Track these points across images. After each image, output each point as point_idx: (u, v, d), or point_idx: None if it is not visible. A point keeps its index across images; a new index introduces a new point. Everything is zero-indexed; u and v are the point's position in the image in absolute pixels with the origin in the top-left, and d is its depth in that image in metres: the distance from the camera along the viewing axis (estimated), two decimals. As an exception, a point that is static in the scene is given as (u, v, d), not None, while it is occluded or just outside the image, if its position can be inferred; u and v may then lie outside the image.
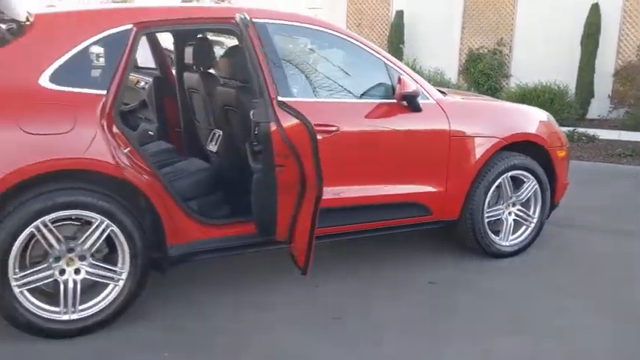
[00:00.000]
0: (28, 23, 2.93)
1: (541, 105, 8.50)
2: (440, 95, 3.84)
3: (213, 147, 4.06)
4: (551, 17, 12.02)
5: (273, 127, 2.69)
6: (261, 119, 2.70)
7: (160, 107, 4.77)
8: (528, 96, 10.47)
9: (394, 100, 3.63)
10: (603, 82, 11.54)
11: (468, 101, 4.25)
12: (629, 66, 11.99)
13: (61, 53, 2.89)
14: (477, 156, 3.83)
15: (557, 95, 10.86)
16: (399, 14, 13.29)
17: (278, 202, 2.87)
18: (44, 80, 2.84)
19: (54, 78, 2.85)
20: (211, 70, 4.17)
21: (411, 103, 3.63)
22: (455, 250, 4.18)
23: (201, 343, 2.92)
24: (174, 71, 4.63)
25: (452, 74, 11.99)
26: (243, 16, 2.88)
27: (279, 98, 2.72)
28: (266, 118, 2.71)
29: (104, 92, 2.93)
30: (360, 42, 3.66)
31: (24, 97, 2.79)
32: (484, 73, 12.41)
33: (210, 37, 5.10)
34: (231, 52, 3.69)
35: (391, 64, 3.71)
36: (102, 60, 3.04)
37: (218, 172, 3.62)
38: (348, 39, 3.61)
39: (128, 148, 2.97)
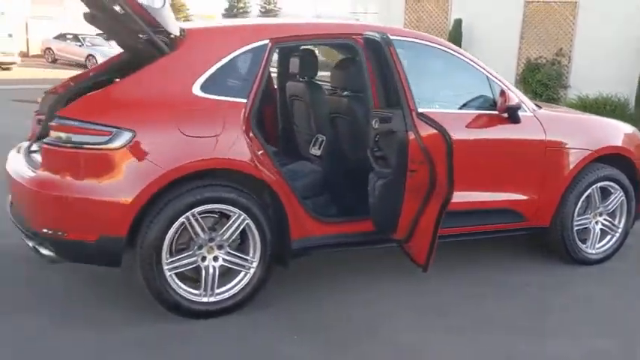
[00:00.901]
0: (181, 37, 3.28)
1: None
2: (536, 108, 4.08)
3: (316, 151, 4.37)
4: (612, 28, 12.05)
5: (412, 135, 2.99)
6: (399, 128, 3.00)
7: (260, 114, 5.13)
8: (589, 107, 10.55)
9: (496, 112, 3.88)
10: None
11: (561, 114, 4.48)
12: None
13: (210, 65, 3.24)
14: (570, 167, 4.05)
15: (618, 107, 10.91)
16: (457, 23, 13.48)
17: (403, 204, 3.16)
18: (197, 89, 3.19)
19: (204, 87, 3.20)
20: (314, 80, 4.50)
21: (512, 115, 3.88)
22: (542, 256, 4.40)
23: (326, 329, 3.22)
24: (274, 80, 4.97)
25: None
26: (385, 36, 3.19)
27: (417, 112, 3.03)
28: (404, 127, 3.01)
29: (245, 100, 3.27)
30: (468, 58, 3.95)
31: (182, 104, 3.14)
32: (542, 83, 12.51)
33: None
34: (343, 64, 4.00)
35: (493, 78, 3.97)
36: (242, 71, 3.36)
37: (328, 174, 3.92)
38: (457, 55, 3.89)
39: (261, 151, 3.30)
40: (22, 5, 28.23)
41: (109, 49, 23.93)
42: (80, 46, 24.19)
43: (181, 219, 3.11)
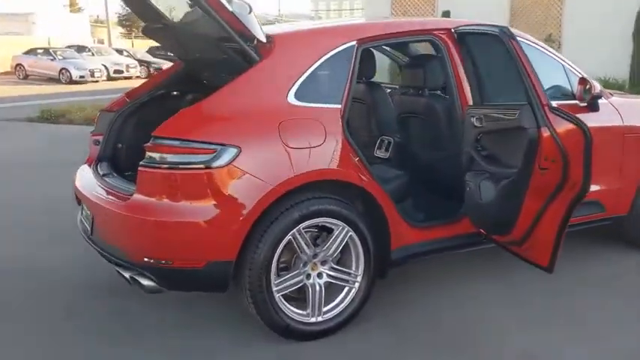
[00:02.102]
0: (268, 44, 3.10)
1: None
2: (610, 95, 4.02)
3: (382, 154, 4.23)
4: (600, 12, 12.18)
5: (546, 132, 2.86)
6: (528, 125, 2.87)
7: None
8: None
9: (575, 101, 3.79)
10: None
11: (633, 100, 4.42)
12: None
13: (301, 71, 3.06)
14: (647, 152, 4.00)
15: (615, 88, 11.01)
16: (445, 15, 13.47)
17: (523, 204, 3.04)
18: (292, 97, 3.01)
19: (299, 95, 3.02)
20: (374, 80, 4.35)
21: (592, 104, 3.79)
22: (616, 246, 4.34)
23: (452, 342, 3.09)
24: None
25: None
26: (505, 29, 3.06)
27: (550, 106, 2.89)
28: (534, 123, 2.88)
29: (339, 106, 3.11)
30: (544, 48, 3.86)
31: (281, 114, 2.96)
32: (537, 69, 12.56)
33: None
34: (418, 62, 3.86)
35: (569, 67, 3.89)
36: (333, 75, 3.19)
37: (410, 177, 3.78)
38: (535, 46, 3.78)
39: (357, 157, 3.14)
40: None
41: (82, 62, 23.44)
42: (52, 60, 23.51)
43: (288, 236, 2.93)
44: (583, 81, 3.72)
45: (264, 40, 3.06)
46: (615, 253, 4.21)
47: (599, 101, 3.87)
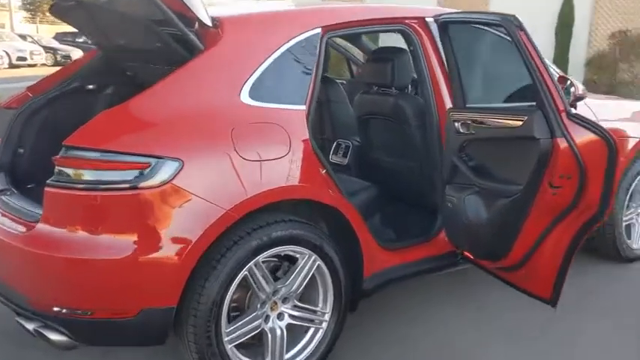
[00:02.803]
0: (214, 29, 2.46)
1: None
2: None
3: (339, 159, 3.70)
4: (523, 7, 12.19)
5: (562, 143, 2.37)
6: (541, 134, 2.37)
7: None
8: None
9: None
10: (576, 72, 11.88)
11: (607, 102, 4.09)
12: (600, 55, 12.40)
13: (257, 64, 2.46)
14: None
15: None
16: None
17: (524, 226, 2.57)
18: (245, 96, 2.40)
19: (254, 93, 2.42)
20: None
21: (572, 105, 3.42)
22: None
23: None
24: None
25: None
26: (512, 17, 2.54)
27: (568, 112, 2.39)
28: (549, 133, 2.39)
29: (304, 107, 2.53)
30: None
31: (233, 118, 2.34)
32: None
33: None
34: (384, 56, 3.32)
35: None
36: (295, 70, 2.60)
37: (378, 189, 3.26)
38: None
39: (324, 169, 2.57)
40: None
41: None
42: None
43: (244, 271, 2.33)
44: (562, 80, 3.31)
45: (209, 24, 2.43)
46: (591, 265, 3.88)
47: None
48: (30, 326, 2.23)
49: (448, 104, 3.02)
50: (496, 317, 3.15)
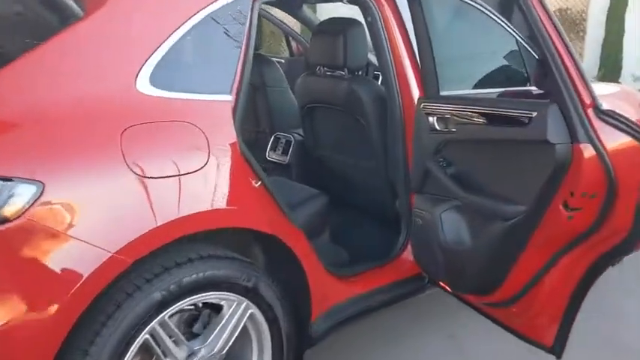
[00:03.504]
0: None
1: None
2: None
3: (279, 157, 3.02)
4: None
5: (588, 151, 1.74)
6: (558, 138, 1.74)
7: None
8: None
9: (529, 87, 2.86)
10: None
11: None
12: None
13: (160, 38, 1.73)
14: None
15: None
16: None
17: (523, 255, 1.96)
18: (143, 83, 1.67)
19: (157, 79, 1.69)
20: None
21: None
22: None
23: None
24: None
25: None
26: None
27: (597, 107, 1.73)
28: (568, 136, 1.75)
29: (229, 97, 1.83)
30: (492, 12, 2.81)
31: (124, 114, 1.62)
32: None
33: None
34: (334, 29, 2.63)
35: (522, 40, 2.92)
36: (216, 47, 1.89)
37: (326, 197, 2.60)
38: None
39: (259, 181, 1.90)
40: None
41: None
42: None
43: (144, 333, 1.64)
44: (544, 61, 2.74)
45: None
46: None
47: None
48: None
49: (415, 91, 2.39)
50: (471, 347, 2.59)
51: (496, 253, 1.98)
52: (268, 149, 3.06)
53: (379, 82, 3.31)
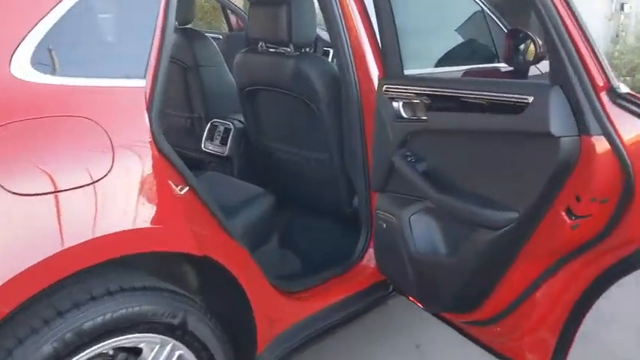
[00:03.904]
0: None
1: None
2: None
3: (217, 148, 2.62)
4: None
5: (602, 145, 1.37)
6: (561, 130, 1.38)
7: None
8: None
9: (497, 64, 2.57)
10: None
11: None
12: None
13: (48, 4, 1.30)
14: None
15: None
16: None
17: (511, 268, 1.63)
18: (22, 65, 1.24)
19: (41, 59, 1.26)
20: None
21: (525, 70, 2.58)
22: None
23: None
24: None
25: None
26: None
27: (614, 90, 1.35)
28: (575, 127, 1.38)
29: (142, 82, 1.41)
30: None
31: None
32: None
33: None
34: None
35: (489, 12, 2.61)
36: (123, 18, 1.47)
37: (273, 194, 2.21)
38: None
39: (186, 187, 1.50)
40: None
41: None
42: None
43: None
44: (514, 33, 2.42)
45: None
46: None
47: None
48: None
49: (374, 70, 2.03)
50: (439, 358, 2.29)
51: (479, 267, 1.64)
52: (204, 139, 2.65)
53: (330, 59, 2.95)
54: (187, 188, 1.48)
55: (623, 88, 1.38)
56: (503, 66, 2.63)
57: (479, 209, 1.57)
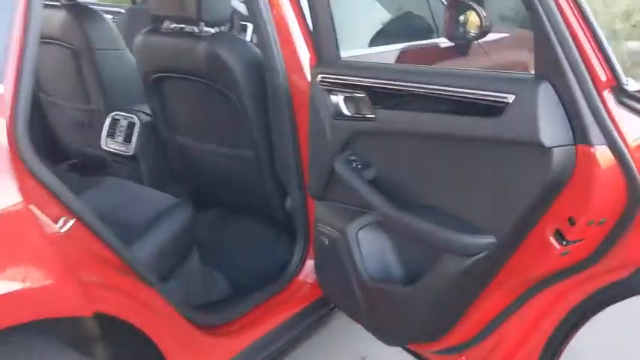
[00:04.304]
0: None
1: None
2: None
3: (119, 145, 2.22)
4: None
5: (604, 155, 1.07)
6: (553, 139, 1.05)
7: None
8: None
9: (436, 40, 2.35)
10: None
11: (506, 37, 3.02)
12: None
13: None
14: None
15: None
16: None
17: (482, 294, 1.36)
18: None
19: None
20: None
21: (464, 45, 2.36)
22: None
23: None
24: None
25: None
26: None
27: (620, 87, 1.05)
28: (571, 134, 1.08)
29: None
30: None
31: None
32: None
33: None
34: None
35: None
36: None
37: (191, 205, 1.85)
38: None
39: (70, 221, 1.13)
40: None
41: None
42: None
43: None
44: (455, 3, 2.16)
45: None
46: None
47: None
48: None
49: (303, 53, 1.70)
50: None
51: (446, 297, 1.36)
52: (104, 136, 2.24)
53: (248, 37, 2.58)
54: (72, 221, 1.12)
55: (633, 85, 1.10)
56: (443, 41, 2.38)
57: (446, 232, 1.27)
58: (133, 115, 2.19)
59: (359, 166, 1.43)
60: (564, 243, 1.15)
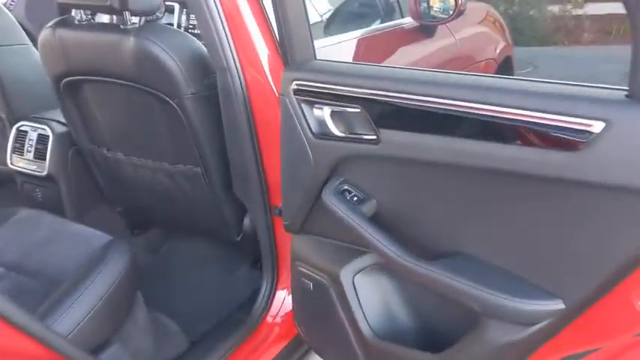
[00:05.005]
0: None
1: None
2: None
3: (29, 164, 1.81)
4: None
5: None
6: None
7: None
8: None
9: (401, 21, 2.09)
10: None
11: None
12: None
13: None
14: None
15: None
16: None
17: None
18: None
19: None
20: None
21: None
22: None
23: None
24: None
25: None
26: None
27: None
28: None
29: None
30: None
31: None
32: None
33: None
34: None
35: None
36: None
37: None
38: None
39: None
40: None
41: None
42: None
43: None
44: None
45: None
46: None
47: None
48: None
49: (260, 48, 1.36)
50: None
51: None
52: (9, 152, 1.82)
53: (176, 23, 2.17)
54: None
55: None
56: (408, 22, 2.10)
57: (493, 292, 0.98)
58: (44, 126, 1.78)
59: (354, 197, 1.11)
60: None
